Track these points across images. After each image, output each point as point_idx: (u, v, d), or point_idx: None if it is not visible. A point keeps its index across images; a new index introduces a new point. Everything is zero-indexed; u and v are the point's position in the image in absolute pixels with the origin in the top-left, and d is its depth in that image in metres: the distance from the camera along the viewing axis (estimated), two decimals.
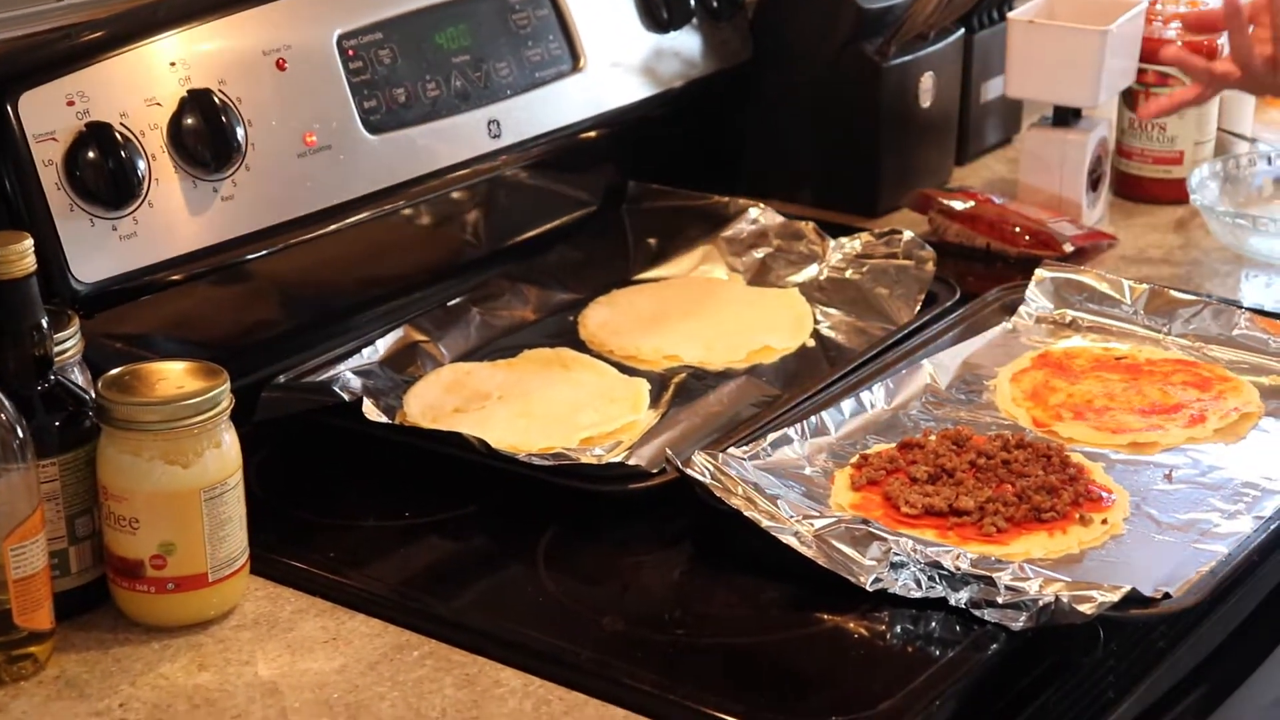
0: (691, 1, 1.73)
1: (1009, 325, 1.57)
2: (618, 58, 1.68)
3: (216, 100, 1.34)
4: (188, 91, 1.33)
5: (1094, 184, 1.83)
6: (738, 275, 1.71)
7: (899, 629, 1.15)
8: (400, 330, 1.52)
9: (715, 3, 1.77)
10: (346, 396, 1.39)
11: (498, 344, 1.57)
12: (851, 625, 1.16)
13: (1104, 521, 1.26)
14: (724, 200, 1.76)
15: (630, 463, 1.33)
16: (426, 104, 1.51)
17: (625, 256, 1.73)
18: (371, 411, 1.37)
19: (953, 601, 1.15)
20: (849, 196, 1.84)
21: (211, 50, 1.36)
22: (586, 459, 1.34)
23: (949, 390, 1.47)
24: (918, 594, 1.16)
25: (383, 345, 1.50)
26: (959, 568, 1.16)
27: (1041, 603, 1.12)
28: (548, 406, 1.45)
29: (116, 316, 1.33)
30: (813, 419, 1.38)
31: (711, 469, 1.26)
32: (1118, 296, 1.59)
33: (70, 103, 1.27)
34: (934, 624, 1.15)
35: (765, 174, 1.87)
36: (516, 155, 1.59)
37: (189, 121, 1.33)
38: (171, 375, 1.16)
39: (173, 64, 1.33)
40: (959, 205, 1.78)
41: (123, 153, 1.28)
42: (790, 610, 1.18)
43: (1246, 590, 1.32)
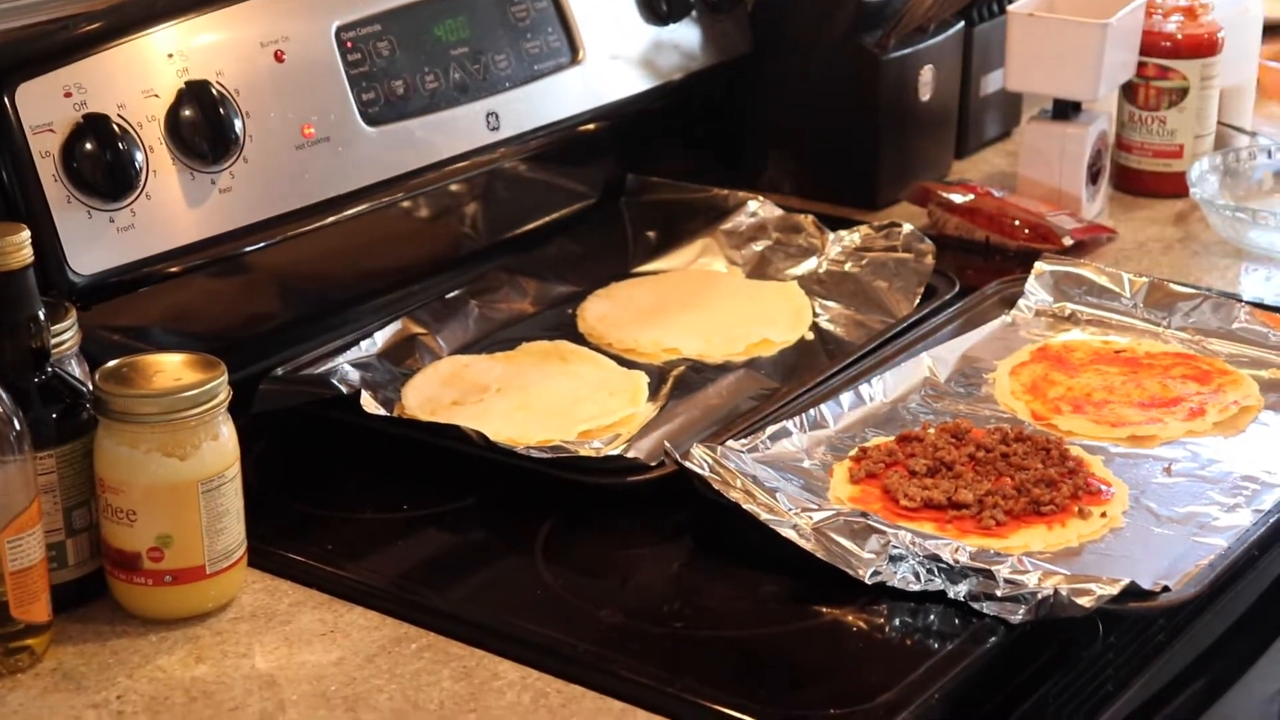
0: None
1: (1008, 318, 1.57)
2: (617, 50, 1.68)
3: (214, 92, 1.33)
4: (185, 83, 1.33)
5: (1093, 177, 1.83)
6: (737, 268, 1.71)
7: (898, 622, 1.15)
8: (398, 323, 1.52)
9: None
10: (344, 389, 1.38)
11: (496, 337, 1.57)
12: (850, 618, 1.16)
13: (1103, 515, 1.26)
14: (723, 193, 1.76)
15: (629, 455, 1.33)
16: (425, 96, 1.50)
17: (624, 249, 1.73)
18: (369, 404, 1.37)
19: (951, 594, 1.15)
20: (848, 189, 1.84)
21: (209, 42, 1.36)
22: (585, 452, 1.34)
23: (948, 383, 1.47)
24: (916, 587, 1.16)
25: (381, 338, 1.50)
26: (958, 561, 1.16)
27: (1040, 596, 1.12)
28: (546, 399, 1.44)
29: (114, 308, 1.33)
30: (811, 412, 1.38)
31: (710, 462, 1.26)
32: (1117, 290, 1.58)
33: (68, 94, 1.27)
34: (933, 617, 1.15)
35: (764, 167, 1.87)
36: (515, 148, 1.59)
37: (187, 113, 1.32)
38: (169, 367, 1.16)
39: (170, 55, 1.33)
40: (958, 198, 1.78)
41: (120, 144, 1.28)
42: (789, 603, 1.18)
43: (1245, 583, 1.32)
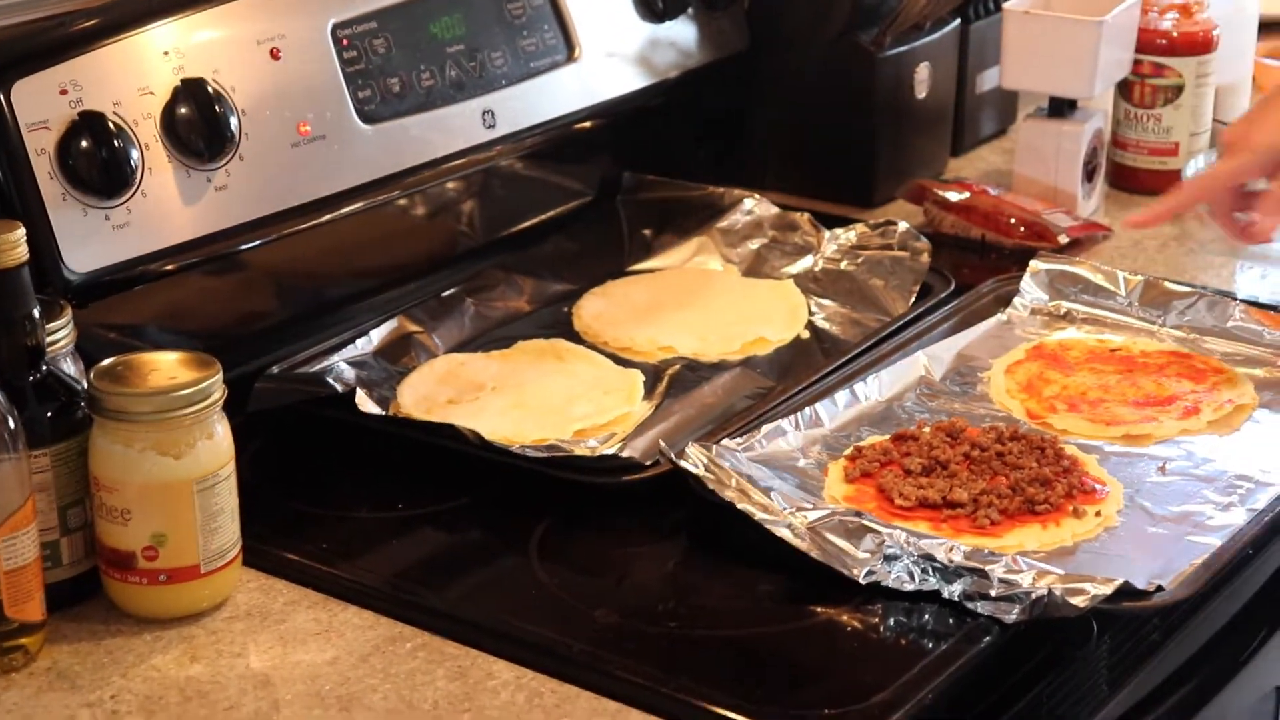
0: None
1: (1004, 317, 1.57)
2: (613, 48, 1.68)
3: (210, 89, 1.33)
4: (181, 80, 1.33)
5: (1089, 175, 1.83)
6: (733, 266, 1.71)
7: (892, 621, 1.15)
8: (394, 321, 1.52)
9: None
10: (340, 387, 1.38)
11: (492, 335, 1.57)
12: (845, 618, 1.16)
13: (1097, 514, 1.26)
14: (719, 191, 1.76)
15: (624, 454, 1.33)
16: (421, 94, 1.50)
17: (620, 247, 1.73)
18: (365, 402, 1.37)
19: (946, 594, 1.15)
20: (844, 187, 1.84)
21: (205, 39, 1.36)
22: (580, 451, 1.34)
23: (943, 382, 1.47)
24: (911, 586, 1.16)
25: (376, 336, 1.50)
26: (952, 560, 1.16)
27: (1034, 595, 1.12)
28: (542, 398, 1.44)
29: (109, 306, 1.32)
30: (807, 411, 1.38)
31: (705, 461, 1.26)
32: (1112, 288, 1.59)
33: (63, 91, 1.27)
34: (927, 616, 1.15)
35: (760, 165, 1.87)
36: (511, 145, 1.58)
37: (182, 111, 1.32)
38: (164, 366, 1.16)
39: (166, 53, 1.33)
40: (954, 196, 1.77)
41: (116, 142, 1.28)
42: (784, 603, 1.18)
43: (1240, 583, 1.32)
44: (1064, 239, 1.72)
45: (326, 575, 1.21)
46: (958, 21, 1.91)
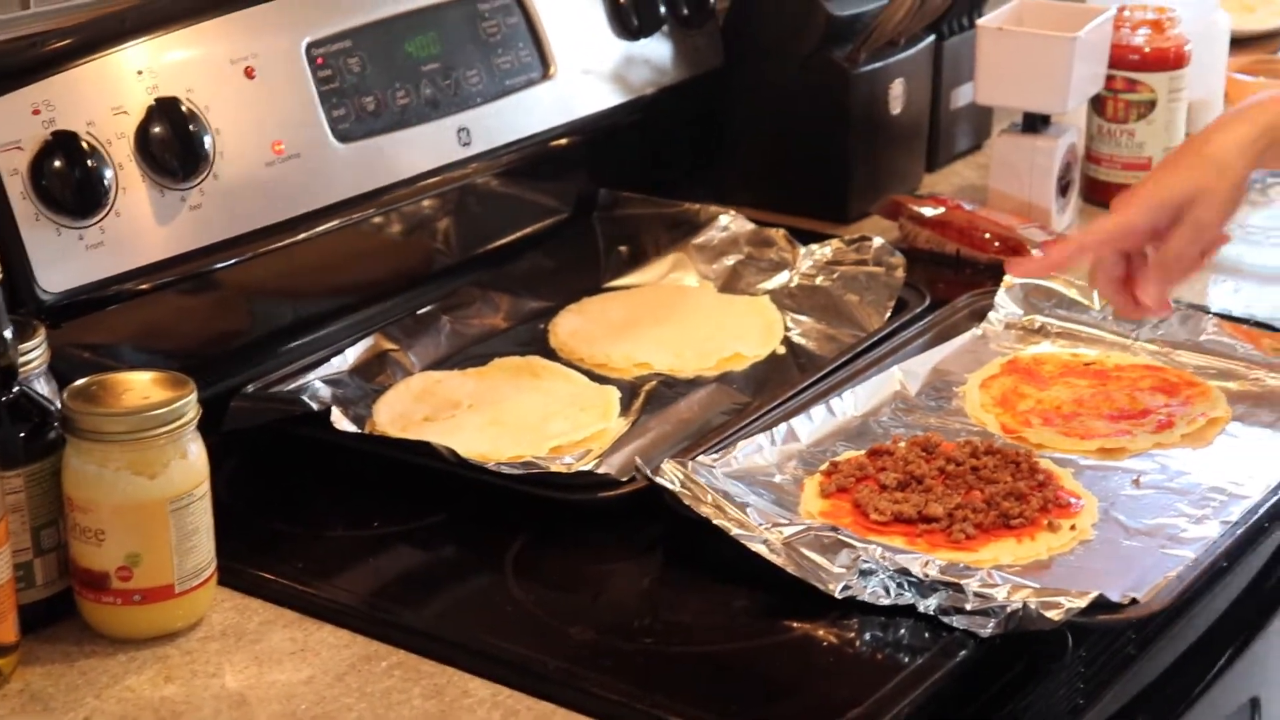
0: (662, 9, 1.74)
1: (979, 331, 1.58)
2: (588, 65, 1.68)
3: (184, 109, 1.33)
4: (155, 100, 1.33)
5: (1063, 190, 1.84)
6: (708, 283, 1.71)
7: (868, 636, 1.15)
8: (370, 339, 1.52)
9: (686, 10, 1.77)
10: (315, 406, 1.38)
11: (468, 352, 1.57)
12: (821, 632, 1.16)
13: (1072, 527, 1.26)
14: (695, 208, 1.76)
15: (600, 471, 1.33)
16: (396, 112, 1.50)
17: (596, 264, 1.73)
18: (340, 421, 1.37)
19: (921, 608, 1.15)
20: (819, 203, 1.85)
21: (179, 59, 1.36)
22: (556, 467, 1.34)
23: (919, 397, 1.47)
24: (886, 601, 1.16)
25: (352, 354, 1.49)
26: (928, 574, 1.16)
27: (1010, 609, 1.13)
28: (518, 415, 1.44)
29: (83, 326, 1.32)
30: (783, 426, 1.38)
31: (681, 477, 1.26)
32: (1086, 303, 1.59)
33: (36, 111, 1.27)
34: (903, 631, 1.15)
35: (736, 181, 1.87)
36: (487, 163, 1.59)
37: (156, 130, 1.32)
38: (138, 385, 1.16)
39: (140, 72, 1.33)
40: (929, 212, 1.78)
41: (89, 161, 1.28)
42: (760, 618, 1.18)
43: (1214, 595, 1.33)
44: (1038, 254, 1.73)
45: (302, 594, 1.20)
46: (932, 38, 1.91)
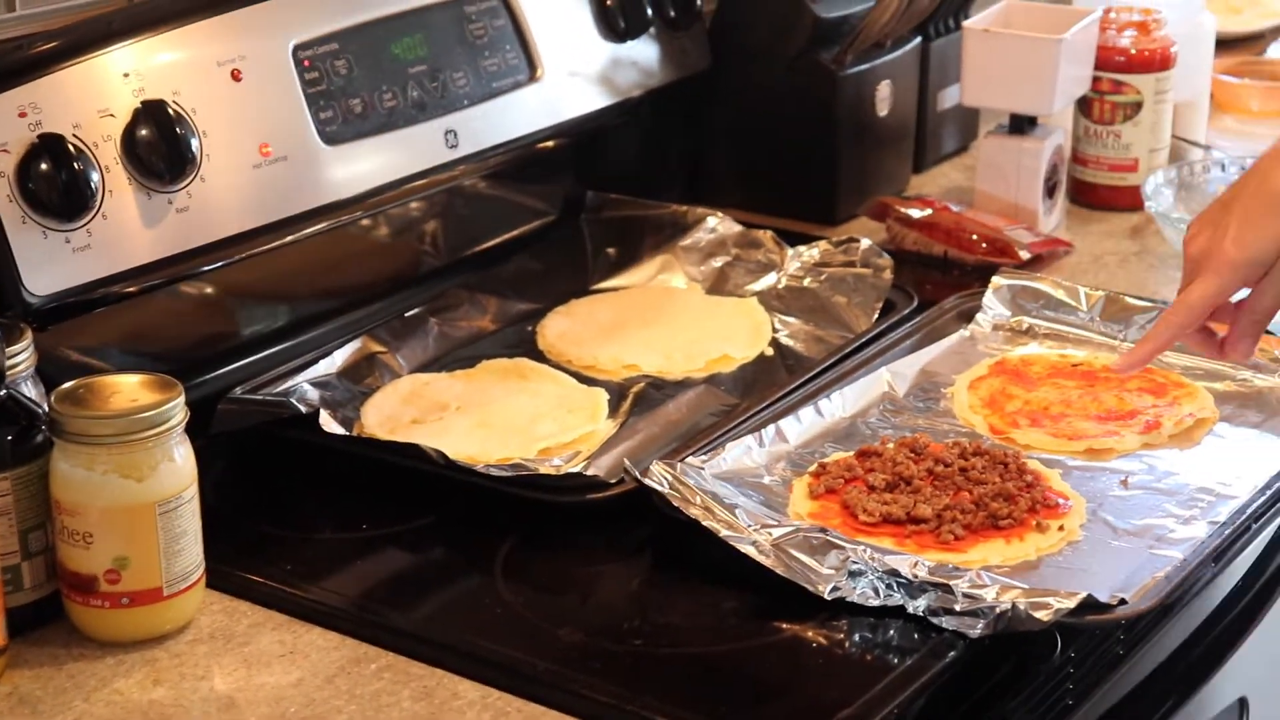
0: (649, 11, 1.74)
1: (966, 333, 1.58)
2: (575, 67, 1.68)
3: (171, 111, 1.33)
4: (141, 103, 1.32)
5: (1050, 191, 1.84)
6: (696, 284, 1.71)
7: (857, 637, 1.15)
8: (358, 341, 1.52)
9: (673, 12, 1.77)
10: (303, 408, 1.38)
11: (456, 354, 1.57)
12: (810, 634, 1.16)
13: (1061, 528, 1.26)
14: (682, 209, 1.76)
15: (588, 473, 1.33)
16: (383, 114, 1.50)
17: (584, 266, 1.73)
18: (328, 423, 1.37)
19: (910, 609, 1.15)
20: (807, 205, 1.85)
21: (166, 61, 1.35)
22: (545, 469, 1.34)
23: (907, 398, 1.47)
24: (876, 602, 1.16)
25: (340, 356, 1.49)
26: (916, 575, 1.17)
27: (999, 610, 1.13)
28: (506, 417, 1.44)
29: (70, 329, 1.32)
30: (771, 428, 1.38)
31: (669, 478, 1.26)
32: (1074, 304, 1.59)
33: (22, 114, 1.27)
34: (892, 632, 1.15)
35: (723, 183, 1.88)
36: (474, 165, 1.59)
37: (143, 133, 1.32)
38: (125, 388, 1.15)
39: (126, 75, 1.33)
40: (916, 213, 1.78)
41: (76, 164, 1.27)
42: (749, 619, 1.18)
43: (1202, 595, 1.33)
44: (1025, 255, 1.73)
45: (291, 597, 1.20)
46: (918, 40, 1.92)
